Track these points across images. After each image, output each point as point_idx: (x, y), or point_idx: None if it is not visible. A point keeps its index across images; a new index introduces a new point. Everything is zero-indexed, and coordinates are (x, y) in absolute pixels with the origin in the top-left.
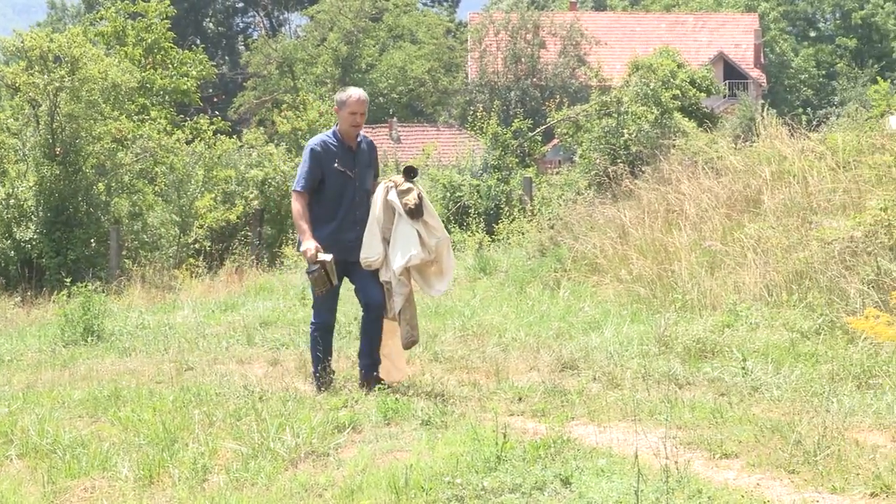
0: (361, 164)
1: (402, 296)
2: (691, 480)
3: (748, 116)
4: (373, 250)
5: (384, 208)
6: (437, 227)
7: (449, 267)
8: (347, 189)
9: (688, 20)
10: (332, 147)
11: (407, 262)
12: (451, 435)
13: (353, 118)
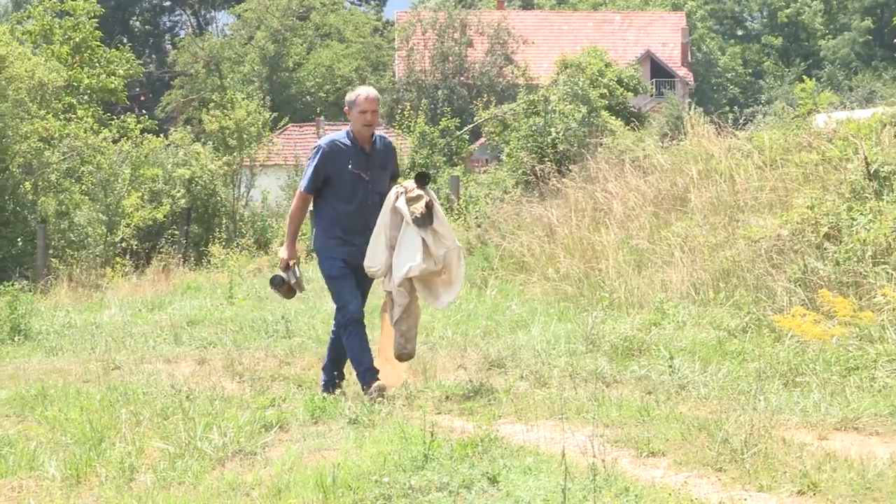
0: (375, 167)
1: (400, 307)
2: (618, 478)
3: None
4: (376, 259)
5: (392, 215)
6: (446, 237)
7: (458, 278)
8: (359, 191)
9: (615, 19)
10: (344, 147)
11: (406, 272)
12: (378, 434)
13: (364, 117)
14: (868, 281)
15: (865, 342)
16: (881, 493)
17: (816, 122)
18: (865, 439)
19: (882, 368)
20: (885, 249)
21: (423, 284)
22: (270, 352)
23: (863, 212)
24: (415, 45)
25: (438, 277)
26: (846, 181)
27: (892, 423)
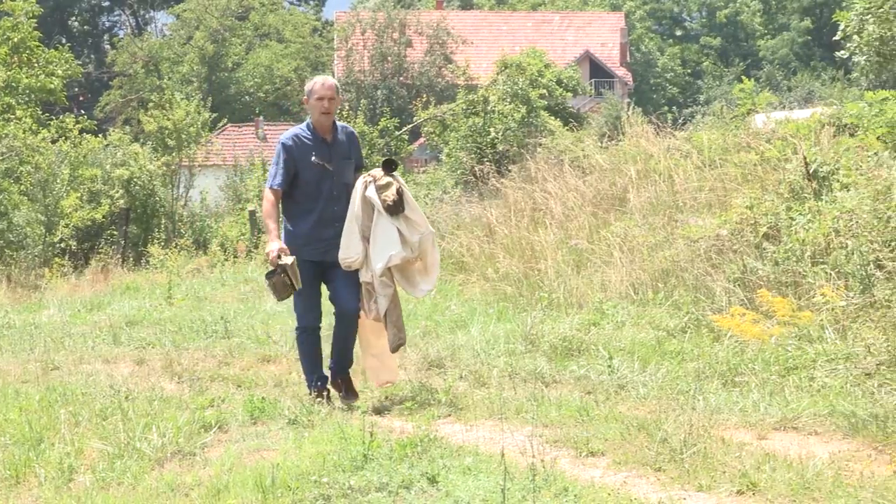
0: (339, 156)
1: (385, 297)
2: (558, 478)
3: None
4: (352, 250)
5: (363, 205)
6: (419, 223)
7: (434, 263)
8: (325, 183)
9: (554, 19)
10: (306, 140)
11: (387, 262)
12: (317, 434)
13: (321, 105)
14: (807, 281)
15: (804, 342)
16: (820, 493)
17: (755, 122)
18: (804, 439)
19: (821, 368)
20: (823, 249)
21: (400, 274)
22: (209, 352)
23: (802, 212)
24: (354, 46)
25: (415, 265)
26: (785, 181)
27: (831, 423)
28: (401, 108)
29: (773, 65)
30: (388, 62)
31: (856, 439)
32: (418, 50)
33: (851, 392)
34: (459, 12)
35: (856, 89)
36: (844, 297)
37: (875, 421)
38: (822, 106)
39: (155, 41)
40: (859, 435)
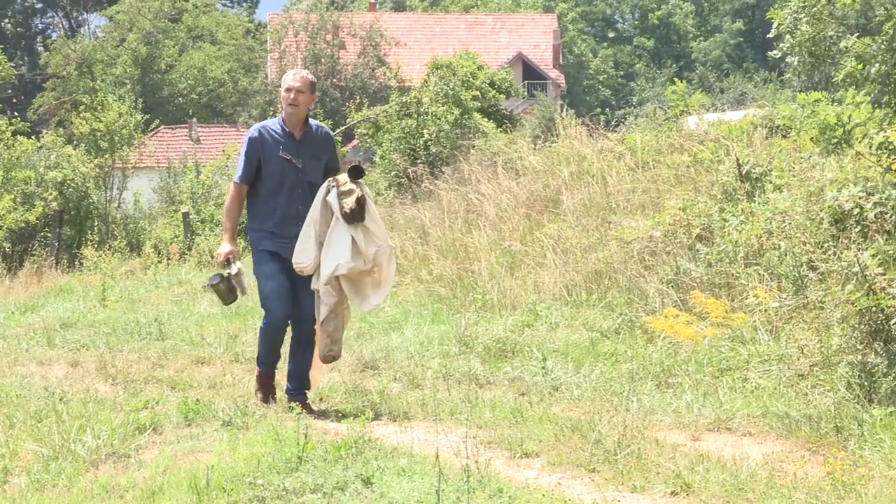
0: (307, 154)
1: (327, 306)
2: (492, 479)
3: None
4: (305, 255)
5: (322, 209)
6: (378, 235)
7: (387, 278)
8: (288, 179)
9: (487, 21)
10: (274, 134)
11: (333, 270)
12: (252, 436)
13: (287, 96)
14: (740, 282)
15: (737, 343)
16: (754, 494)
17: (688, 123)
18: (738, 440)
19: (754, 369)
20: (756, 251)
21: (350, 284)
22: (144, 354)
23: (735, 213)
24: (287, 47)
25: (368, 277)
26: (718, 183)
27: (765, 424)
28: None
29: (706, 66)
30: (321, 64)
31: (789, 440)
32: (351, 52)
33: (785, 393)
34: (392, 14)
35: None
36: (777, 298)
37: (808, 422)
38: (755, 107)
39: (88, 43)
40: (793, 436)
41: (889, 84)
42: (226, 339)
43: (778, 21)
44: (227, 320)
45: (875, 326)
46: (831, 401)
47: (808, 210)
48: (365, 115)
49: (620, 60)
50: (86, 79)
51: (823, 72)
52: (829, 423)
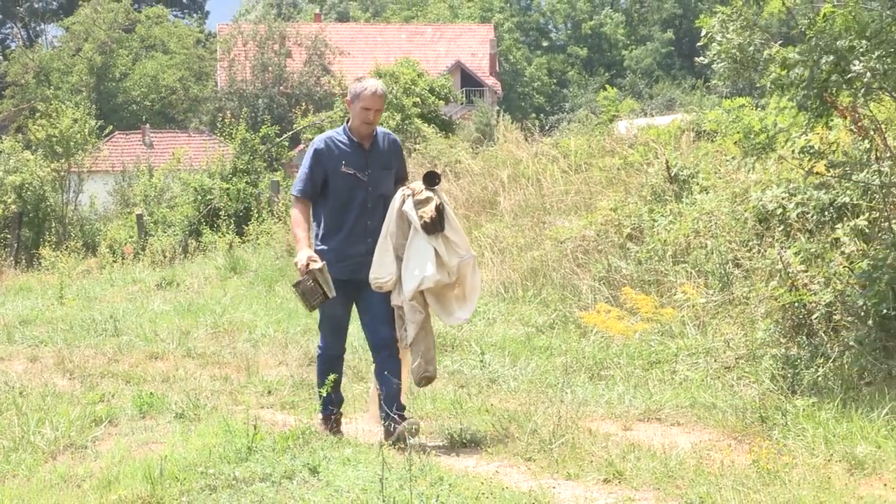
0: (376, 166)
1: (415, 324)
2: (433, 468)
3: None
4: (384, 269)
5: (398, 221)
6: (459, 244)
7: (473, 290)
8: (357, 194)
9: (426, 31)
10: (341, 145)
11: (419, 285)
12: (204, 427)
13: (365, 115)
14: (669, 279)
15: (666, 337)
16: (683, 481)
17: (619, 128)
18: (667, 429)
19: (682, 362)
20: (684, 249)
21: (435, 298)
22: (100, 350)
23: (663, 213)
24: (236, 56)
25: (451, 291)
26: (647, 184)
27: (693, 414)
28: (281, 116)
29: (637, 74)
30: (268, 72)
31: (716, 430)
32: (297, 60)
33: (711, 384)
34: (336, 24)
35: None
36: (704, 294)
37: (734, 412)
38: (683, 113)
39: (45, 52)
40: (719, 425)
41: (812, 89)
42: (178, 335)
43: (706, 28)
44: (179, 317)
45: (797, 321)
46: (756, 392)
47: (733, 210)
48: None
49: (554, 68)
50: (43, 87)
51: (748, 78)
52: (755, 413)
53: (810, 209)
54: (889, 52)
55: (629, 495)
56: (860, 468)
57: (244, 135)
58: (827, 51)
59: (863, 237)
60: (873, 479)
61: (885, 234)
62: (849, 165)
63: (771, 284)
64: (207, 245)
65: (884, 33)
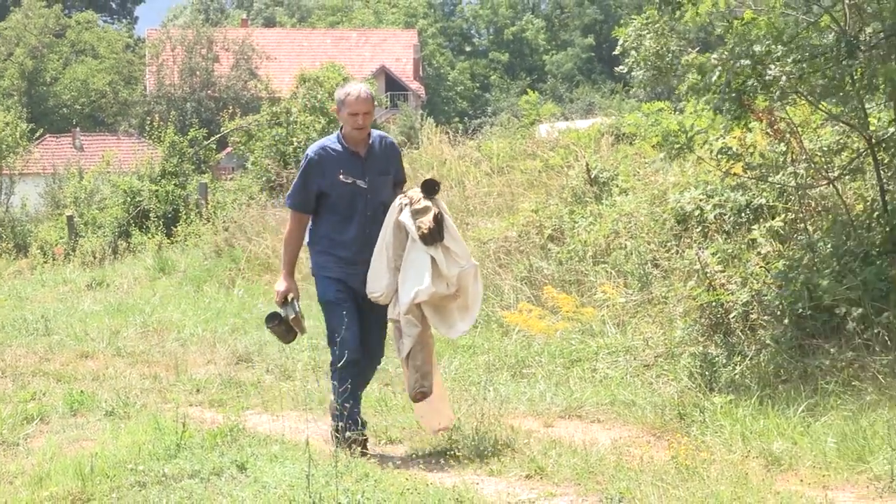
0: (374, 172)
1: (410, 337)
2: (359, 465)
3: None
4: (379, 282)
5: (395, 230)
6: (460, 254)
7: (475, 301)
8: (357, 203)
9: (352, 36)
10: (335, 154)
11: (413, 297)
12: (133, 425)
13: (354, 120)
14: (589, 279)
15: (587, 336)
16: (603, 477)
17: (540, 131)
18: (588, 426)
19: (602, 360)
20: (604, 250)
21: (434, 310)
22: (31, 349)
23: (584, 215)
24: (165, 61)
25: (453, 302)
26: (568, 186)
27: (613, 412)
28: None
29: (557, 79)
30: (196, 76)
31: (636, 426)
32: (225, 65)
33: (631, 382)
34: (263, 30)
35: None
36: (624, 294)
37: (653, 409)
38: (602, 116)
39: None
40: (639, 422)
41: (729, 93)
42: (108, 334)
43: (623, 38)
44: (109, 317)
45: (715, 320)
46: (675, 389)
47: (652, 212)
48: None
49: (477, 73)
50: None
51: (666, 83)
52: (673, 410)
53: (727, 210)
54: (804, 56)
55: (551, 490)
56: (777, 464)
57: (173, 138)
58: (744, 56)
59: (779, 238)
60: (789, 475)
61: (801, 234)
62: (765, 167)
63: (689, 284)
64: (137, 246)
65: (799, 38)
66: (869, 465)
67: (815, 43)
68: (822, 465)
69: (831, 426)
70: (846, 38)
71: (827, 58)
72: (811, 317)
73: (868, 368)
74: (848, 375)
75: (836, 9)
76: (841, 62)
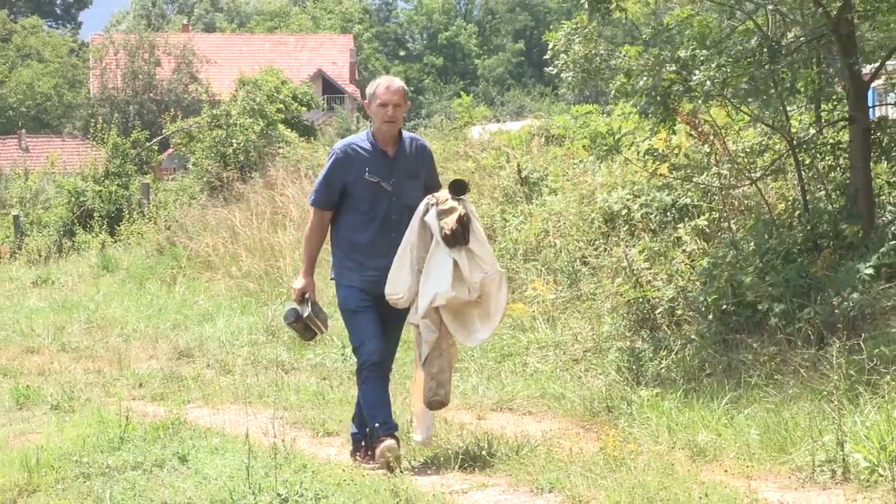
0: (401, 174)
1: (428, 343)
2: (297, 456)
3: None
4: (399, 285)
5: (420, 231)
6: (485, 259)
7: (499, 309)
8: (380, 204)
9: (289, 41)
10: (362, 152)
11: (431, 301)
12: (78, 418)
13: (384, 112)
14: (520, 276)
15: (518, 331)
16: (534, 468)
17: (472, 133)
18: (519, 419)
19: (533, 355)
20: (534, 248)
21: (453, 316)
22: None
23: (515, 214)
24: (108, 65)
25: (475, 308)
26: (499, 187)
27: (543, 404)
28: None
29: (489, 82)
30: (139, 80)
31: (565, 419)
32: (166, 69)
33: (561, 376)
34: (204, 35)
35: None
36: (554, 290)
37: (582, 402)
38: (533, 119)
39: None
40: (568, 415)
41: (655, 96)
42: (53, 330)
43: (553, 43)
44: (54, 313)
45: (642, 315)
46: (603, 383)
47: (580, 211)
48: (179, 127)
49: (411, 76)
50: None
51: (595, 86)
52: (601, 403)
53: (654, 210)
54: (728, 61)
55: (483, 481)
56: (702, 455)
57: (116, 140)
58: (669, 60)
59: (703, 236)
60: (714, 466)
61: (724, 233)
62: (690, 168)
63: (616, 281)
64: (81, 245)
65: (723, 43)
66: (791, 456)
67: (738, 48)
68: (746, 456)
69: (754, 418)
70: (769, 42)
71: (750, 62)
72: (735, 312)
73: (790, 362)
74: (770, 369)
75: (759, 14)
76: (764, 66)
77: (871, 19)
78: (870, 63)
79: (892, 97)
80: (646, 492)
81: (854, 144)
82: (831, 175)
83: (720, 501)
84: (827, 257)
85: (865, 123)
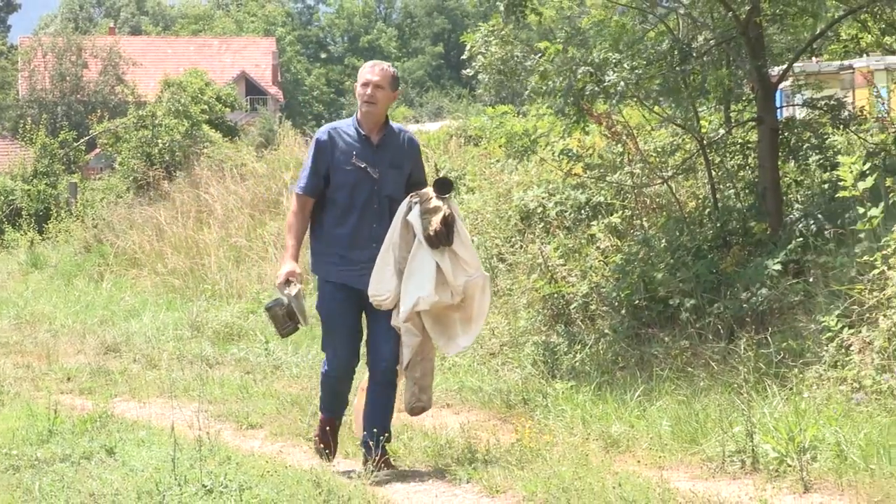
0: (384, 163)
1: (410, 348)
2: (222, 448)
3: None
4: (382, 285)
5: (402, 231)
6: (469, 262)
7: (481, 314)
8: (362, 192)
9: (213, 43)
10: (346, 136)
11: (413, 305)
12: (7, 412)
13: (364, 92)
14: None
15: None
16: (453, 459)
17: None
18: (438, 411)
19: None
20: None
21: (434, 321)
22: None
23: None
24: (36, 67)
25: (456, 313)
26: None
27: (461, 397)
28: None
29: (409, 84)
30: (66, 82)
31: (483, 411)
32: (94, 71)
33: (478, 370)
34: (130, 37)
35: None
36: None
37: (499, 395)
38: (451, 119)
39: None
40: (486, 407)
41: (569, 97)
42: None
43: (470, 44)
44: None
45: (557, 311)
46: (519, 376)
47: (497, 209)
48: (106, 127)
49: (332, 78)
50: None
51: (511, 88)
52: (518, 395)
53: (568, 208)
54: (641, 63)
55: (402, 473)
56: (615, 446)
57: (44, 140)
58: (583, 62)
59: (616, 233)
60: (627, 456)
61: (637, 230)
62: (603, 168)
63: (532, 277)
64: (10, 242)
65: (636, 45)
66: (702, 446)
67: (651, 50)
68: (658, 446)
69: (666, 410)
70: (680, 45)
71: (662, 64)
72: (647, 307)
73: (700, 356)
74: (682, 362)
75: (671, 18)
76: (675, 68)
77: (780, 22)
78: (778, 65)
79: (799, 98)
80: (561, 482)
81: (762, 144)
82: (740, 174)
83: (633, 491)
84: (736, 254)
85: (773, 124)
